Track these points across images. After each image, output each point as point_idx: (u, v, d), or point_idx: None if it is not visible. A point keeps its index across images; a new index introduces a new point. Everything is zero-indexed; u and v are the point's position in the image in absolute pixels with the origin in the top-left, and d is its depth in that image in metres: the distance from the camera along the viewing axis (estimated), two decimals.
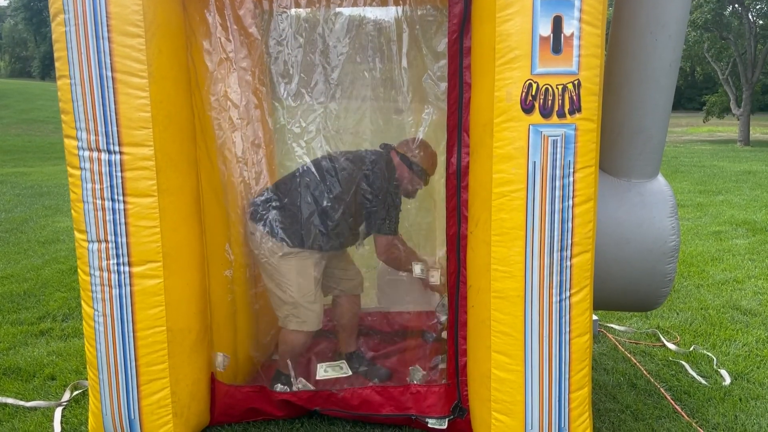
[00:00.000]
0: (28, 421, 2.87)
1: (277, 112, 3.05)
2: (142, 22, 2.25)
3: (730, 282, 5.14)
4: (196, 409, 2.69)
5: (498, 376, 2.36)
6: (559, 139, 2.18)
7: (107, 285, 2.41)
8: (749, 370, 3.45)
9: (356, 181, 2.91)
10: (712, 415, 2.97)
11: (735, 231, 7.13)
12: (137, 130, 2.31)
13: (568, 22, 2.12)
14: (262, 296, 3.14)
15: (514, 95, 2.17)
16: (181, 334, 2.55)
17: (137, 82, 2.28)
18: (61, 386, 3.22)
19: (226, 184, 2.84)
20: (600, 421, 2.88)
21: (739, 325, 4.16)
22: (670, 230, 2.81)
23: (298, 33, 2.86)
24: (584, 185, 2.23)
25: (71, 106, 2.31)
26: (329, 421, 2.85)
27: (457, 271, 2.60)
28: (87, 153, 2.33)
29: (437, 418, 2.70)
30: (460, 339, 2.65)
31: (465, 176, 2.52)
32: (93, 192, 2.35)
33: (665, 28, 2.58)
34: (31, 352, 3.65)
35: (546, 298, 2.28)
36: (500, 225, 2.27)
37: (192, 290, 2.64)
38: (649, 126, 2.75)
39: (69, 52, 2.27)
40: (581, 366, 2.35)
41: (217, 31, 2.72)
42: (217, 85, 2.74)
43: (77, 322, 4.13)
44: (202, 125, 2.68)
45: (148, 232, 2.38)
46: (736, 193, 10.06)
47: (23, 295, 4.74)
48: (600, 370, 3.46)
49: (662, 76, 2.67)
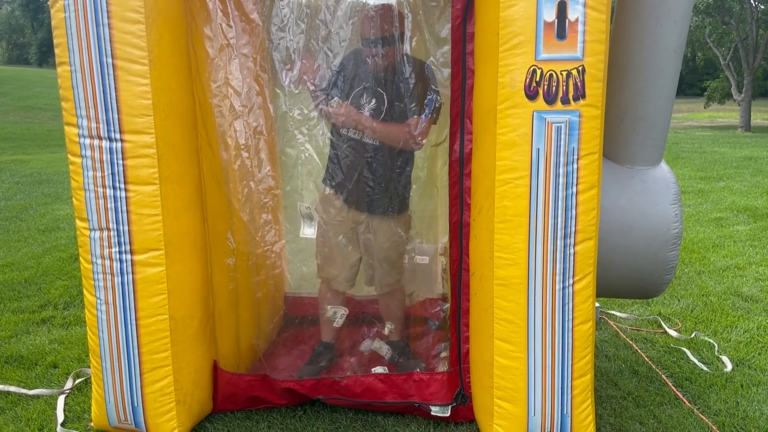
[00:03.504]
0: (31, 409, 2.87)
1: (278, 99, 3.03)
2: (142, 8, 2.23)
3: (731, 268, 5.14)
4: (199, 397, 2.69)
5: (501, 363, 2.37)
6: (563, 125, 2.17)
7: (109, 273, 2.40)
8: (750, 357, 3.46)
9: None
10: (713, 401, 2.98)
11: (736, 217, 7.13)
12: (138, 117, 2.29)
13: (573, 7, 2.10)
14: (264, 284, 3.14)
15: (518, 81, 2.16)
16: (184, 322, 2.55)
17: (138, 69, 2.26)
18: (63, 374, 3.23)
19: (227, 172, 2.82)
20: (602, 407, 2.89)
21: (741, 311, 4.17)
22: (673, 217, 2.80)
23: (300, 19, 2.83)
24: (588, 172, 2.22)
25: (71, 94, 2.29)
26: (332, 408, 2.85)
27: (460, 258, 2.59)
28: (88, 140, 2.31)
29: (440, 405, 2.70)
30: (462, 326, 2.65)
31: (468, 163, 2.51)
32: (94, 180, 2.34)
33: (670, 14, 2.56)
34: (32, 341, 3.66)
35: (549, 285, 2.27)
36: (503, 212, 2.26)
37: (194, 278, 2.63)
38: (652, 112, 2.73)
39: (69, 38, 2.25)
40: (584, 353, 2.35)
41: (218, 17, 2.69)
42: (219, 71, 2.71)
43: (78, 310, 4.14)
44: (203, 112, 2.66)
45: (150, 220, 2.37)
46: (737, 179, 10.04)
47: (24, 283, 4.74)
48: (601, 356, 3.47)
49: (666, 62, 2.65)
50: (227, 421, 2.78)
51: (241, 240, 2.94)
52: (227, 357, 2.89)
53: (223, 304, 2.87)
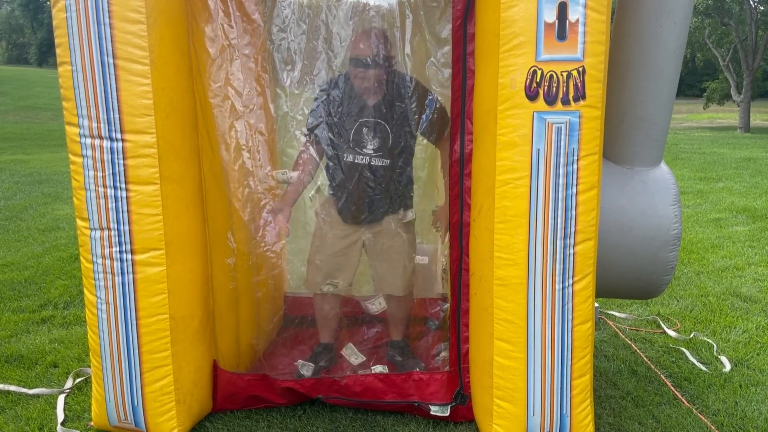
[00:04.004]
0: (31, 408, 2.88)
1: (279, 100, 3.04)
2: (143, 7, 2.23)
3: (730, 269, 5.15)
4: (199, 396, 2.70)
5: (500, 363, 2.37)
6: (564, 126, 2.17)
7: (110, 273, 2.41)
8: (749, 357, 3.47)
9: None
10: (712, 401, 2.99)
11: (735, 218, 7.14)
12: (139, 117, 2.30)
13: (574, 8, 2.11)
14: (264, 284, 3.14)
15: (518, 82, 2.16)
16: (184, 321, 2.55)
17: (139, 69, 2.27)
18: (63, 374, 3.23)
19: (228, 172, 2.83)
20: (601, 407, 2.90)
21: (740, 311, 4.17)
22: (673, 218, 2.80)
23: (301, 19, 2.84)
24: (588, 173, 2.22)
25: (72, 93, 2.30)
26: (331, 408, 2.86)
27: (460, 258, 2.60)
28: (89, 140, 2.32)
29: (440, 405, 2.71)
30: (462, 326, 2.66)
31: (468, 163, 2.51)
32: (95, 179, 2.34)
33: (670, 15, 2.57)
34: (33, 340, 3.66)
35: (549, 285, 2.28)
36: (503, 212, 2.27)
37: (194, 278, 2.64)
38: (652, 113, 2.74)
39: (70, 38, 2.25)
40: (583, 353, 2.35)
41: (220, 17, 2.69)
42: (219, 72, 2.72)
43: (78, 310, 4.14)
44: (204, 112, 2.66)
45: (151, 219, 2.37)
46: (736, 180, 10.05)
47: (24, 282, 4.74)
48: (600, 356, 3.47)
49: (666, 63, 2.66)
50: (227, 420, 2.79)
51: (242, 240, 2.95)
52: (227, 356, 2.89)
53: (223, 304, 2.88)
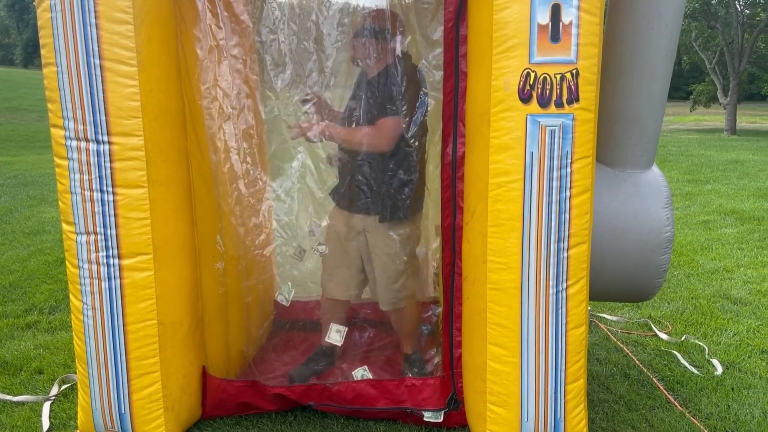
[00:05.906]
0: (16, 415, 2.82)
1: (270, 102, 3.00)
2: (130, 8, 2.19)
3: (719, 271, 5.16)
4: (188, 404, 2.65)
5: (494, 368, 2.35)
6: (557, 129, 2.15)
7: (96, 278, 2.36)
8: (741, 360, 3.47)
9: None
10: (705, 404, 2.98)
11: (724, 220, 7.17)
12: (126, 119, 2.25)
13: (567, 10, 2.09)
14: (254, 289, 3.11)
15: (511, 84, 2.14)
16: (172, 327, 2.51)
17: (126, 71, 2.22)
18: (48, 380, 3.17)
19: (217, 175, 2.79)
20: (594, 411, 2.88)
21: (730, 314, 4.18)
22: (665, 221, 2.79)
23: (291, 20, 2.81)
24: (581, 176, 2.21)
25: (58, 95, 2.25)
26: (322, 414, 2.82)
27: (452, 262, 2.57)
28: (75, 143, 2.27)
29: (433, 410, 2.68)
30: (455, 331, 2.63)
31: (460, 166, 2.49)
32: (81, 183, 2.30)
33: (662, 18, 2.56)
34: (17, 346, 3.60)
35: (542, 289, 2.26)
36: (497, 216, 2.25)
37: (183, 283, 2.59)
38: (644, 116, 2.73)
39: (55, 39, 2.21)
40: (577, 358, 2.34)
41: (207, 18, 2.65)
42: (208, 73, 2.68)
43: (64, 315, 4.08)
44: (193, 114, 2.62)
45: (138, 223, 2.33)
46: (723, 182, 10.11)
47: (8, 287, 4.67)
48: (593, 360, 3.46)
49: (658, 65, 2.65)
50: (216, 427, 2.75)
51: (231, 244, 2.91)
52: (216, 362, 2.85)
53: (213, 309, 2.83)
